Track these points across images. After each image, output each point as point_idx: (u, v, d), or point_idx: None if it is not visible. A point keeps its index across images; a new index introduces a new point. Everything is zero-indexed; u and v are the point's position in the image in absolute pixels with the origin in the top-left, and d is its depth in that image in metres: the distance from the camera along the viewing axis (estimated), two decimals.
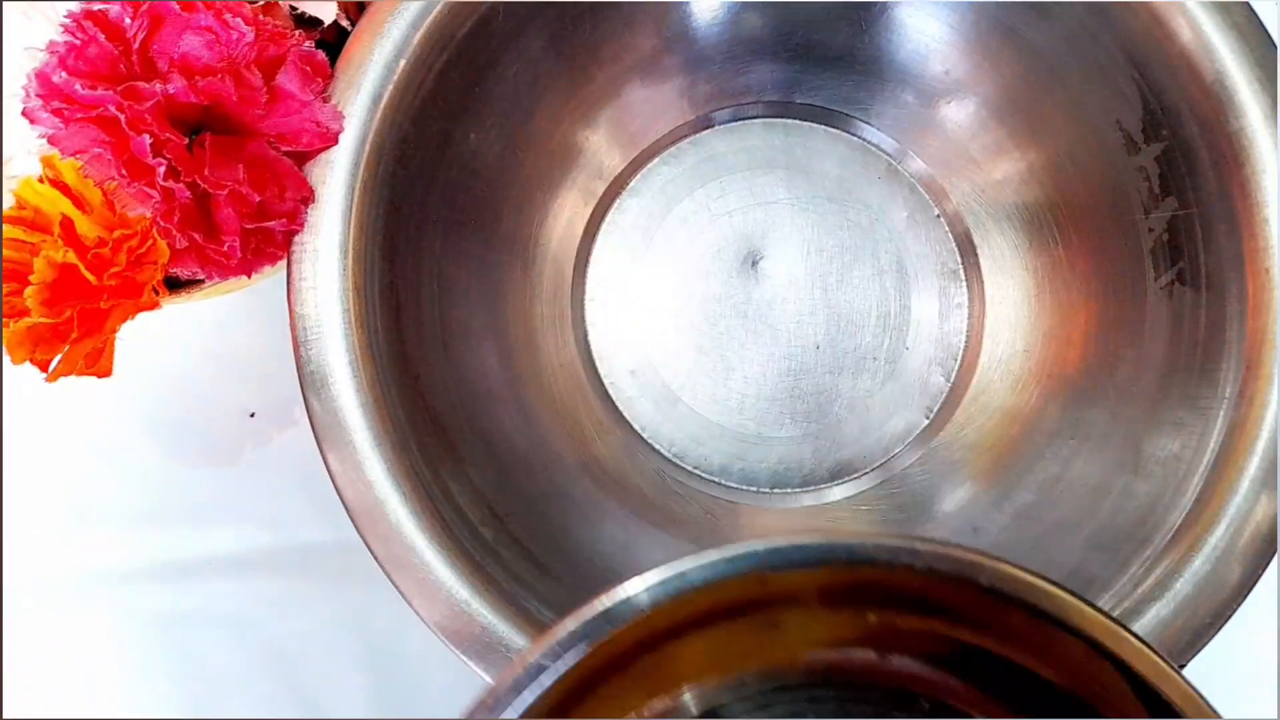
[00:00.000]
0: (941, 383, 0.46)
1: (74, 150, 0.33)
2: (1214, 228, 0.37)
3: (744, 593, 0.26)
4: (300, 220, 0.36)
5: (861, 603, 0.27)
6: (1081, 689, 0.26)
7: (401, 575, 0.35)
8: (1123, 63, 0.38)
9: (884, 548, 0.26)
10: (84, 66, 0.33)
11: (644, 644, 0.27)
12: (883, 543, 0.26)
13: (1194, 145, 0.37)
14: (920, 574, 0.25)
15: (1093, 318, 0.42)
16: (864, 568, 0.26)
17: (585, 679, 0.26)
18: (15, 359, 0.31)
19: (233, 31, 0.34)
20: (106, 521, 0.45)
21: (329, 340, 0.36)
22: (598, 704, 0.27)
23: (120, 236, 0.33)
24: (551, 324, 0.45)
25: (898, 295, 0.45)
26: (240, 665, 0.44)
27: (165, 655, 0.44)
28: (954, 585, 0.26)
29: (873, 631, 0.27)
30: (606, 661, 0.27)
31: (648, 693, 0.28)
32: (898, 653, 0.28)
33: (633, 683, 0.28)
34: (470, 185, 0.42)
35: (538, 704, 0.25)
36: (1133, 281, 0.41)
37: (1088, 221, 0.42)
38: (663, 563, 0.41)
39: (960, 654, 0.27)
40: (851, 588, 0.26)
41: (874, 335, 0.45)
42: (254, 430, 0.44)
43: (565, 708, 0.26)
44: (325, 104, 0.36)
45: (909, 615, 0.27)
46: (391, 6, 0.37)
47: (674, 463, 0.45)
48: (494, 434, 0.41)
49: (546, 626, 0.35)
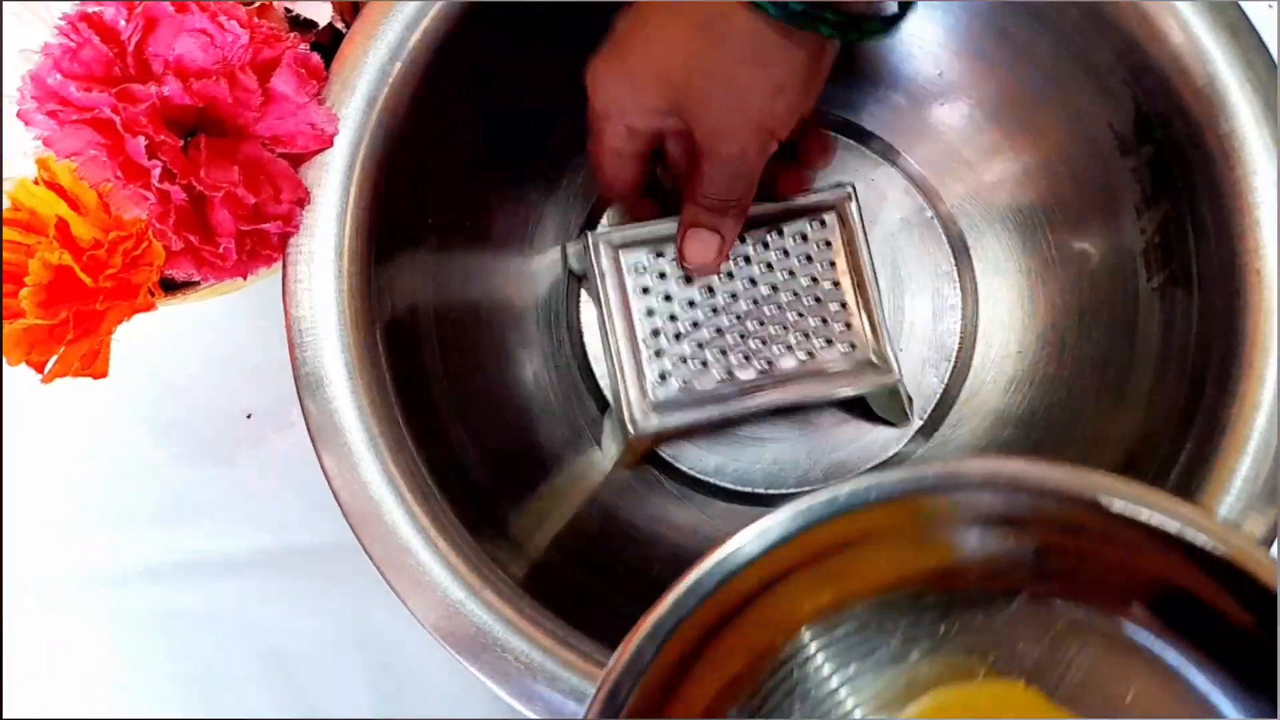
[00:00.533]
0: (935, 384, 0.46)
1: (69, 152, 0.33)
2: (1205, 229, 0.37)
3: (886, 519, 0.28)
4: (295, 222, 0.36)
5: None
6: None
7: (397, 576, 0.35)
8: (1115, 65, 0.38)
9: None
10: (79, 69, 0.33)
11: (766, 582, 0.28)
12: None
13: (1185, 147, 0.37)
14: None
15: (1086, 319, 0.43)
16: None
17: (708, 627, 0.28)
18: (11, 360, 0.31)
19: (227, 34, 0.34)
20: (104, 522, 0.45)
21: (324, 342, 0.36)
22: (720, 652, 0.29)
23: (116, 238, 0.33)
24: (547, 326, 0.45)
25: (891, 296, 0.46)
26: (239, 665, 0.44)
27: (164, 655, 0.44)
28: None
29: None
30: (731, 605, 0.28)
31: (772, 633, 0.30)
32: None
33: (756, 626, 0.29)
34: (465, 186, 0.42)
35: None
36: (1125, 283, 0.41)
37: (1081, 223, 0.43)
38: (660, 558, 0.41)
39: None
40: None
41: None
42: (251, 431, 0.44)
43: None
44: (320, 106, 0.36)
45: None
46: (386, 8, 0.37)
47: (669, 463, 0.45)
48: (489, 434, 0.41)
49: (541, 627, 0.35)
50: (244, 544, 0.45)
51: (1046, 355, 0.44)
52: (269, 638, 0.44)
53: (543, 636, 0.35)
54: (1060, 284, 0.44)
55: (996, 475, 0.28)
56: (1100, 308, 0.42)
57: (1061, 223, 0.43)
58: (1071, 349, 0.43)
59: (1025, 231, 0.45)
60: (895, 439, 0.45)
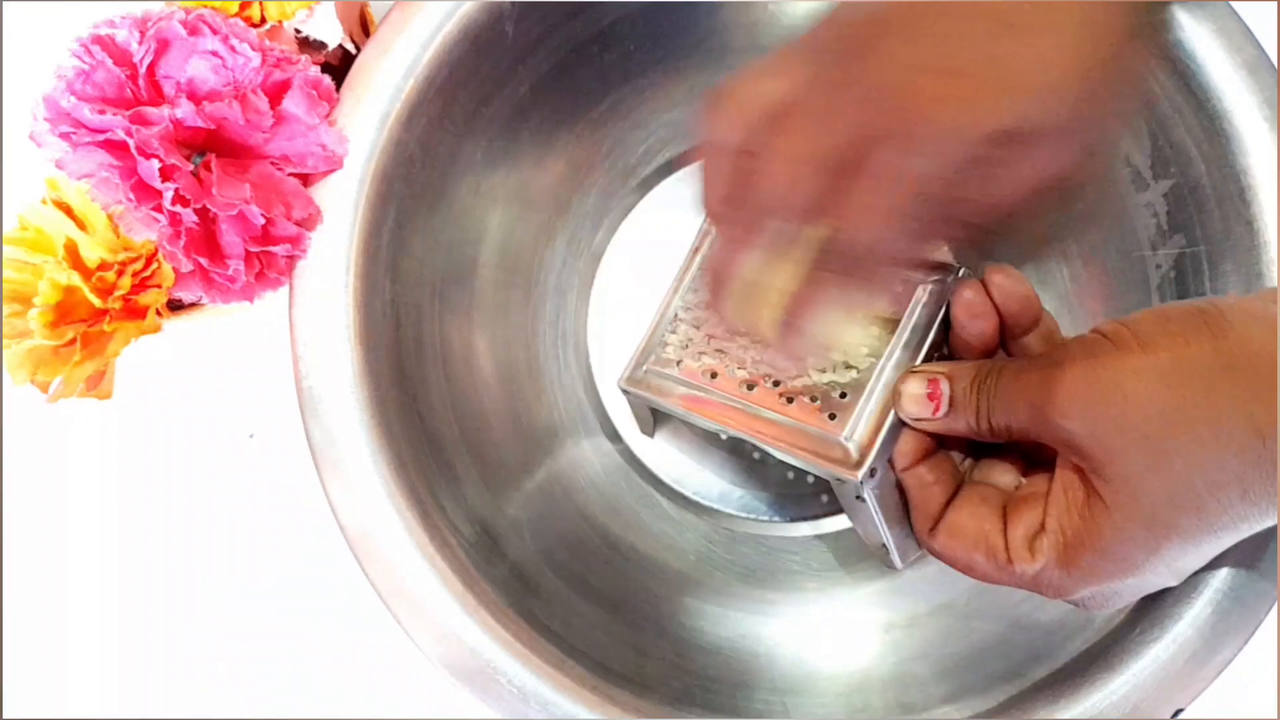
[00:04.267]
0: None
1: (82, 174, 0.33)
2: (1220, 266, 0.37)
3: None
4: (304, 246, 0.36)
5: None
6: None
7: (394, 598, 0.35)
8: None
9: None
10: (92, 91, 0.33)
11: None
12: None
13: (1202, 182, 0.37)
14: None
15: None
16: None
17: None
18: (17, 380, 0.32)
19: (239, 56, 0.35)
20: (104, 541, 0.45)
21: (328, 358, 0.37)
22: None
23: (125, 259, 0.33)
24: (553, 345, 0.45)
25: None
26: (236, 682, 0.44)
27: (163, 672, 0.45)
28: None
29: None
30: None
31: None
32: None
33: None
34: (474, 204, 0.42)
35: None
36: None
37: (1096, 257, 0.42)
38: (662, 584, 0.41)
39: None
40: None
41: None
42: (253, 450, 0.44)
43: None
44: (330, 127, 0.37)
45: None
46: (400, 27, 0.37)
47: (674, 489, 0.45)
48: (491, 454, 0.41)
49: (537, 651, 0.36)
50: (243, 563, 0.45)
51: None
52: (266, 655, 0.44)
53: (539, 661, 0.35)
54: (1074, 318, 0.43)
55: None
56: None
57: (1076, 256, 0.43)
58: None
59: (1040, 265, 0.44)
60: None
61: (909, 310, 0.33)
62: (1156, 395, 0.26)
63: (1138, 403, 0.26)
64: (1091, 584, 0.28)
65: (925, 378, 0.31)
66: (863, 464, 0.32)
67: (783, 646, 0.41)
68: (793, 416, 0.34)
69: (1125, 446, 0.26)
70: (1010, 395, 0.29)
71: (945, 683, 0.38)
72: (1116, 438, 0.26)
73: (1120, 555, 0.27)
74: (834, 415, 0.33)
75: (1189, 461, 0.26)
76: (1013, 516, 0.30)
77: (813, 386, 0.34)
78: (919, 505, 0.32)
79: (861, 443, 0.32)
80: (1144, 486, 0.26)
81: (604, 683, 0.36)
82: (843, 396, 0.33)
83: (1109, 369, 0.27)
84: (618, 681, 0.36)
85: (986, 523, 0.30)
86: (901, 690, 0.39)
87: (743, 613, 0.42)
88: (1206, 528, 0.27)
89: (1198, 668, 0.34)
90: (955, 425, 0.31)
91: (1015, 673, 0.37)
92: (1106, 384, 0.27)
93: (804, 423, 0.34)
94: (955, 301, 0.31)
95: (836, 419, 0.33)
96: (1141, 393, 0.26)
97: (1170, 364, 0.26)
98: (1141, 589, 0.29)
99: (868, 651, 0.41)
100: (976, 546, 0.30)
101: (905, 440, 0.32)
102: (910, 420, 0.31)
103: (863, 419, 0.32)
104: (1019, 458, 0.32)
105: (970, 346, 0.32)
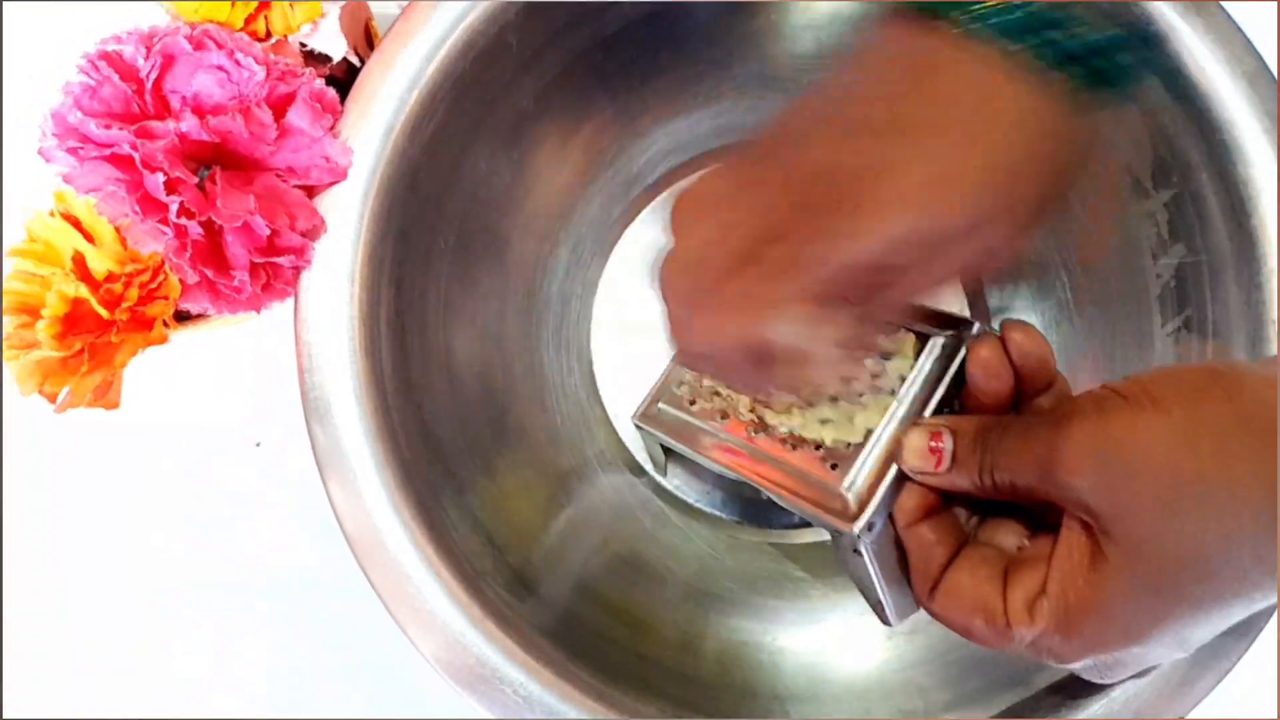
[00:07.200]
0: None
1: (89, 188, 0.34)
2: (1221, 276, 0.37)
3: None
4: (308, 257, 0.37)
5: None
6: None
7: (399, 605, 0.36)
8: (1133, 108, 0.38)
9: None
10: (99, 106, 0.34)
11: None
12: None
13: (1203, 192, 0.37)
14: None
15: (1099, 363, 0.42)
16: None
17: None
18: (24, 390, 0.32)
19: (244, 70, 0.35)
20: (113, 546, 0.45)
21: (334, 368, 0.37)
22: None
23: (132, 271, 0.33)
24: (557, 354, 0.45)
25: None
26: (242, 687, 0.45)
27: (167, 675, 0.45)
28: None
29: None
30: None
31: None
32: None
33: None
34: (479, 214, 0.43)
35: None
36: (1140, 327, 0.40)
37: (1096, 266, 0.42)
38: (667, 592, 0.41)
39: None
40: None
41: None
42: (260, 459, 0.44)
43: None
44: (335, 139, 0.37)
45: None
46: (404, 40, 0.38)
47: (676, 496, 0.45)
48: (496, 462, 0.42)
49: (541, 659, 0.36)
50: (250, 569, 0.45)
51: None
52: (273, 662, 0.45)
53: (542, 668, 0.36)
54: (1074, 326, 0.43)
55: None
56: (1114, 351, 0.41)
57: (1076, 265, 0.43)
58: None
59: (1040, 273, 0.44)
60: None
61: (918, 364, 0.32)
62: (1170, 453, 0.25)
63: (1150, 460, 0.25)
64: (1093, 651, 0.27)
65: (929, 430, 0.30)
66: (861, 516, 0.31)
67: (786, 653, 0.41)
68: (795, 464, 0.34)
69: (1135, 505, 0.25)
70: (1016, 451, 0.28)
71: (948, 690, 0.39)
72: (1127, 495, 0.25)
73: (1124, 621, 0.26)
74: (836, 465, 0.32)
75: (1201, 522, 0.25)
76: (1013, 578, 0.28)
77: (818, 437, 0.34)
78: (918, 566, 0.30)
79: (861, 494, 0.31)
80: (1152, 547, 0.25)
81: (608, 689, 0.36)
82: (847, 447, 0.32)
83: (1121, 425, 0.26)
84: (622, 688, 0.37)
85: (986, 585, 0.29)
86: (904, 697, 0.39)
87: (746, 620, 0.42)
88: (1214, 594, 0.26)
89: (1199, 675, 0.34)
90: (958, 481, 0.30)
91: (1017, 680, 0.37)
92: (1118, 440, 0.26)
93: (807, 470, 0.33)
94: (972, 359, 0.30)
95: (838, 469, 0.32)
96: (1154, 450, 0.25)
97: (1184, 422, 0.25)
98: (1146, 660, 0.28)
99: (871, 658, 0.41)
100: (975, 610, 0.29)
101: (908, 496, 0.31)
102: (913, 473, 0.30)
103: (864, 470, 0.31)
104: (1024, 519, 0.31)
105: (983, 406, 0.31)
